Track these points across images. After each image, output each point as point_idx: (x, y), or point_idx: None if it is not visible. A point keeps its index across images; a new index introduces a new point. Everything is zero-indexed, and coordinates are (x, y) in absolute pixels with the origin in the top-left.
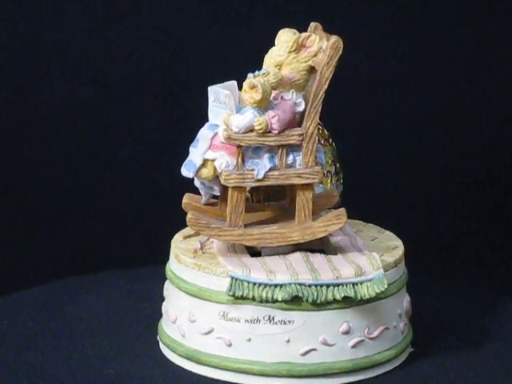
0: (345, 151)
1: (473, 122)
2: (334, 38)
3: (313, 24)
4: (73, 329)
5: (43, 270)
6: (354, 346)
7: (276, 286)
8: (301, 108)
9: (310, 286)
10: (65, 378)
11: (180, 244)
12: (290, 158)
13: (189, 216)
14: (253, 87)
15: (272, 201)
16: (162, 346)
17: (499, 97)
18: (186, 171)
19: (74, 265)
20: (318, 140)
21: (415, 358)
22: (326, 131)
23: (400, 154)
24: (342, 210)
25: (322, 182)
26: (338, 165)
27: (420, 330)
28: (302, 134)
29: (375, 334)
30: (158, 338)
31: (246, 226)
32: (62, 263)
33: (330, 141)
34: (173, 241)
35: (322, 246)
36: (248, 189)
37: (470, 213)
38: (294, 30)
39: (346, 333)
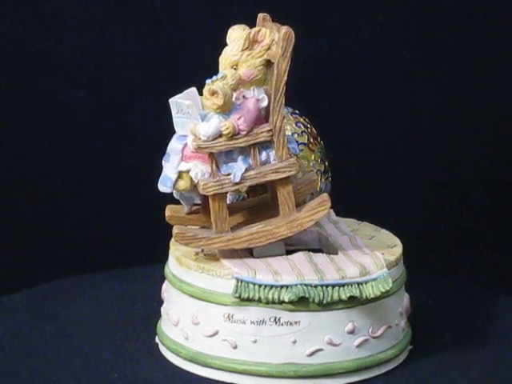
0: (339, 150)
1: (473, 121)
2: (284, 29)
3: (260, 15)
4: (69, 332)
5: (38, 271)
6: (358, 346)
7: (282, 287)
8: (264, 103)
9: (316, 286)
10: (69, 383)
11: (180, 246)
12: (264, 155)
13: (175, 231)
14: (213, 93)
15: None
16: (162, 348)
17: (499, 96)
18: (163, 187)
19: (62, 267)
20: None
21: (416, 356)
22: (314, 129)
23: (396, 153)
24: (325, 196)
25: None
26: (326, 163)
27: (417, 328)
28: (271, 130)
29: (379, 332)
30: (156, 339)
31: (232, 229)
32: (52, 265)
33: (319, 139)
34: (171, 243)
35: (320, 246)
36: (245, 190)
37: (469, 213)
38: (244, 26)
39: (351, 332)
